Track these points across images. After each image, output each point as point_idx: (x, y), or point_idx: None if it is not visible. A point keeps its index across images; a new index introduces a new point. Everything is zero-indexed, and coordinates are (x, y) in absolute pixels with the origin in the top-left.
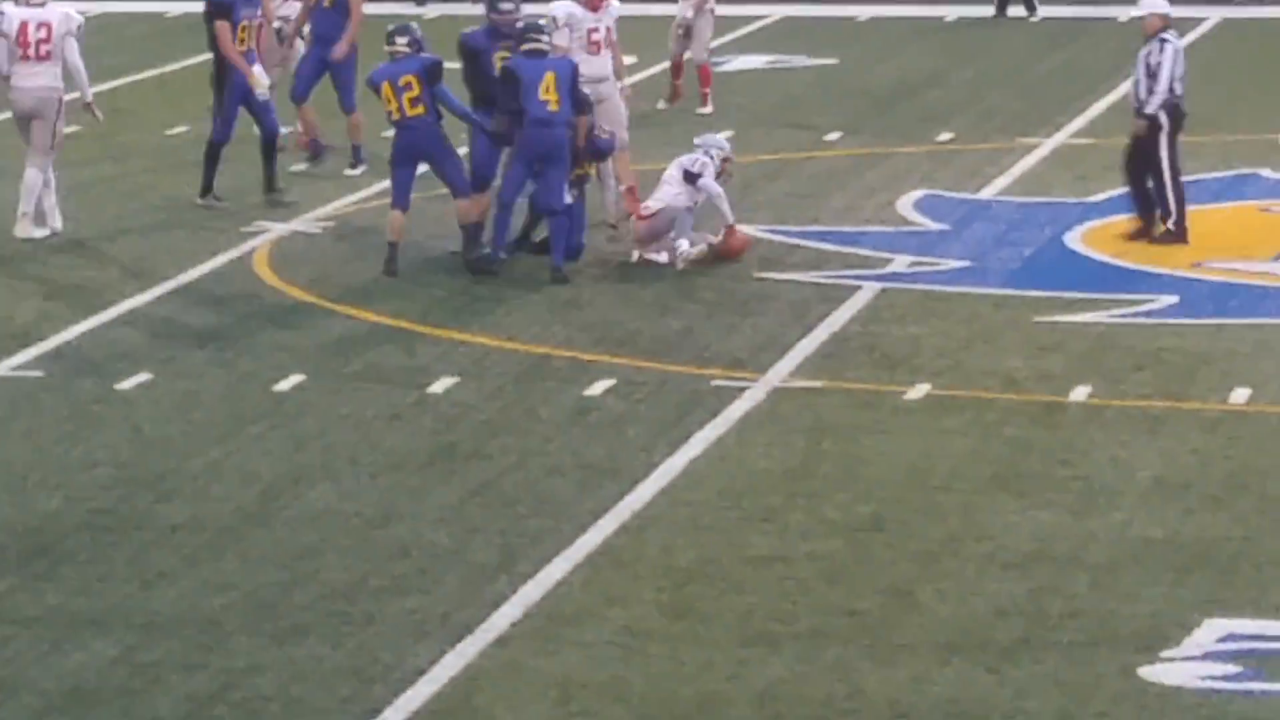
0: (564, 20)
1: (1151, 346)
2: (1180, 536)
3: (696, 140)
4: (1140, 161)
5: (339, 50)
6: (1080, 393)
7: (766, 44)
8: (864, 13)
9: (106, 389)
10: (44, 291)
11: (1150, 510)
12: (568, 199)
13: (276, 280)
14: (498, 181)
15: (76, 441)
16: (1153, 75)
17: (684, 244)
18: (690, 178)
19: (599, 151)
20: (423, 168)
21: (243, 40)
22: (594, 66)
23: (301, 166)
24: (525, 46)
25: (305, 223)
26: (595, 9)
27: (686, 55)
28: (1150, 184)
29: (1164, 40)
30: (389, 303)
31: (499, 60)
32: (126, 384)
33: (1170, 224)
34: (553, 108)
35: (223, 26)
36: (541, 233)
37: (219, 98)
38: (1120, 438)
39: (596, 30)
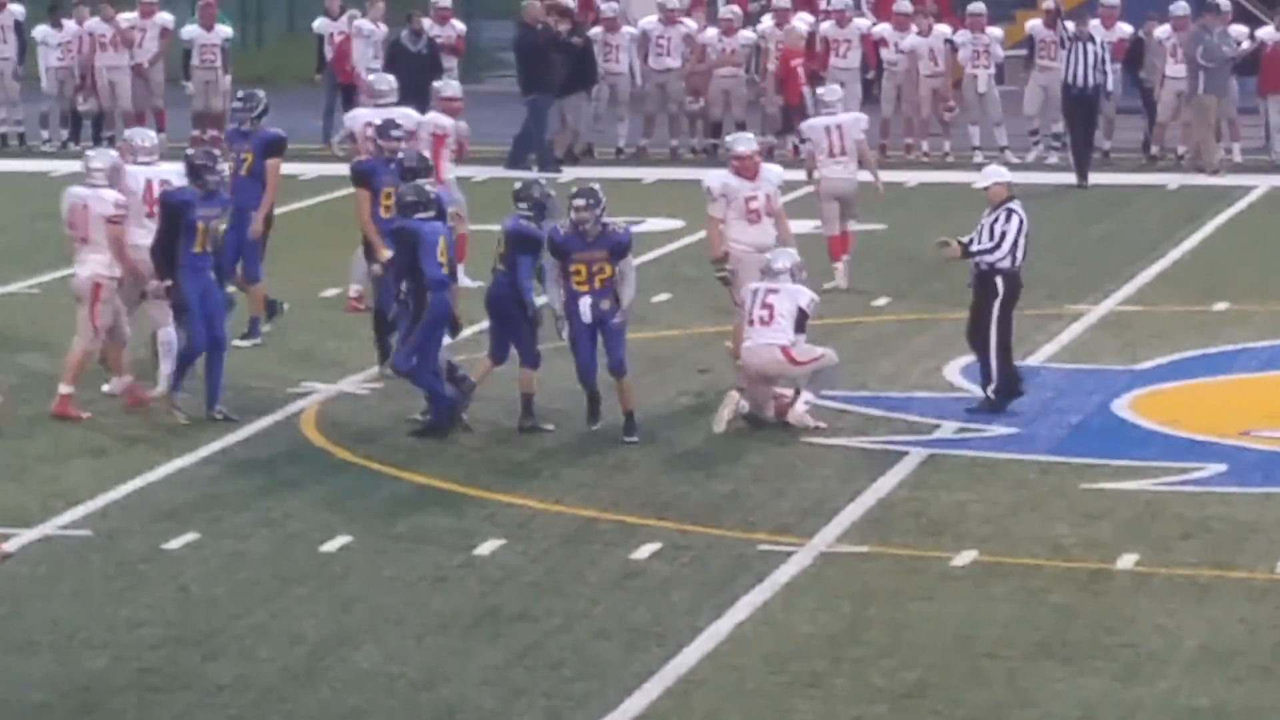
0: (719, 191)
1: (1199, 515)
2: (1228, 706)
3: (774, 262)
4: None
5: (255, 228)
6: (1127, 560)
7: (813, 209)
8: (912, 178)
9: (154, 548)
10: (92, 450)
11: (1197, 679)
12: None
13: (324, 441)
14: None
15: (124, 601)
16: (996, 241)
17: (811, 400)
18: (803, 323)
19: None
20: None
21: (387, 209)
22: (754, 235)
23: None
24: (419, 215)
25: (352, 384)
26: (752, 177)
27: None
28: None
29: (1010, 210)
30: (435, 465)
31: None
32: (174, 544)
33: (990, 391)
34: (446, 270)
35: (363, 196)
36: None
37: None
38: (1167, 606)
39: (755, 198)
